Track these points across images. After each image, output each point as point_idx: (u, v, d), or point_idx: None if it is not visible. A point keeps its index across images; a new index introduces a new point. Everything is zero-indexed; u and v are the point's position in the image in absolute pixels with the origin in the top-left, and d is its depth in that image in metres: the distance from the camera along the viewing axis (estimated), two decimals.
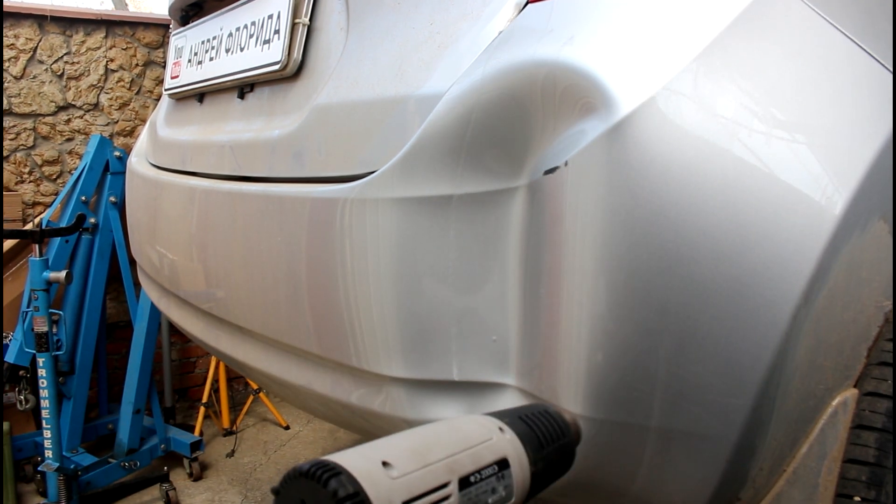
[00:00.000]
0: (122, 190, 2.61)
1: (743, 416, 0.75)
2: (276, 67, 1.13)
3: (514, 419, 0.52)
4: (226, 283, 1.18)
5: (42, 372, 2.26)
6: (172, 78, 1.59)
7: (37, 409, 2.35)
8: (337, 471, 0.39)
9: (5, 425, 2.38)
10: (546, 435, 0.54)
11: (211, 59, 1.39)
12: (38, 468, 2.32)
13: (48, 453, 2.25)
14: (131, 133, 3.08)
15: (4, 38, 2.77)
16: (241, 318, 1.16)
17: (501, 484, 0.47)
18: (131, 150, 1.84)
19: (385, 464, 0.41)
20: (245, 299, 1.13)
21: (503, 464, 0.48)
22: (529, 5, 0.82)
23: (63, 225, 2.49)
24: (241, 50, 1.26)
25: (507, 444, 0.49)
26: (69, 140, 2.95)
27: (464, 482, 0.44)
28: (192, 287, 1.33)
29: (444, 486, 0.43)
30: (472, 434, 0.47)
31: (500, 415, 0.51)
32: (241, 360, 1.22)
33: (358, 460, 0.40)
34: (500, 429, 0.50)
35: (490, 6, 0.85)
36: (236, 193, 1.14)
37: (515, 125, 0.78)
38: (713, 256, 0.71)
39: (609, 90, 0.71)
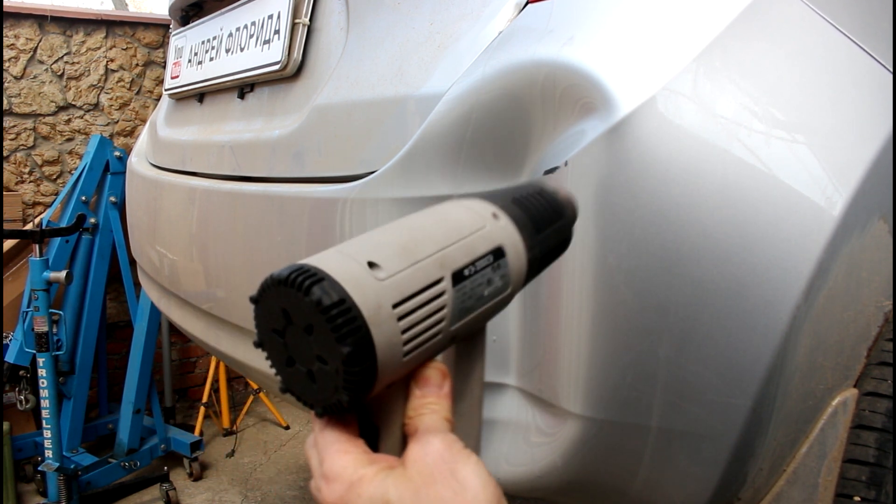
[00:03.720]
0: (122, 190, 2.61)
1: (743, 416, 0.75)
2: (276, 67, 1.13)
3: (508, 202, 0.47)
4: (226, 283, 1.18)
5: (42, 372, 2.26)
6: (172, 78, 1.59)
7: (37, 409, 2.35)
8: (319, 277, 0.35)
9: (5, 425, 2.38)
10: (542, 217, 0.48)
11: (211, 59, 1.39)
12: (38, 468, 2.32)
13: (48, 453, 2.25)
14: (131, 133, 3.08)
15: (4, 38, 2.77)
16: (241, 318, 1.16)
17: (497, 274, 0.43)
18: (131, 150, 1.84)
19: (371, 264, 0.37)
20: (245, 299, 1.13)
21: (498, 253, 0.43)
22: (529, 5, 0.82)
23: (63, 225, 2.49)
24: (241, 50, 1.26)
25: (502, 232, 0.44)
26: (69, 140, 2.95)
27: (457, 276, 0.40)
28: (192, 287, 1.33)
29: (437, 282, 0.39)
30: (463, 223, 0.43)
31: (492, 198, 0.47)
32: (241, 360, 1.22)
33: (342, 262, 0.36)
34: (494, 214, 0.45)
35: (490, 6, 0.85)
36: (236, 193, 1.14)
37: (515, 125, 0.78)
38: (713, 256, 0.71)
39: (609, 90, 0.71)
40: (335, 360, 0.35)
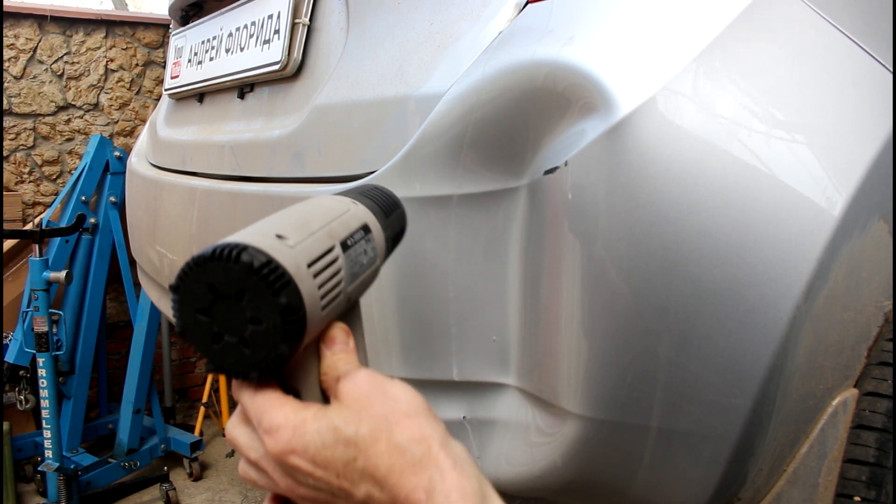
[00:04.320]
0: (122, 190, 2.61)
1: (743, 416, 0.75)
2: (276, 67, 1.13)
3: (357, 195, 0.58)
4: None
5: (42, 372, 2.25)
6: (172, 78, 1.59)
7: (37, 409, 2.34)
8: (243, 246, 0.40)
9: (5, 425, 2.38)
10: (386, 205, 0.59)
11: (211, 59, 1.39)
12: (38, 468, 2.32)
13: (48, 453, 2.24)
14: (131, 133, 3.08)
15: (4, 38, 2.77)
16: None
17: (370, 246, 0.52)
18: (131, 150, 1.84)
19: (279, 236, 0.42)
20: None
21: (366, 229, 0.53)
22: (529, 5, 0.82)
23: (63, 225, 2.48)
24: (241, 50, 1.26)
25: (364, 214, 0.54)
26: (69, 140, 2.95)
27: (343, 245, 0.48)
28: None
29: (331, 249, 0.46)
30: (334, 207, 0.52)
31: (345, 192, 0.58)
32: None
33: (255, 237, 0.41)
34: (353, 202, 0.55)
35: (490, 6, 0.85)
36: (236, 193, 1.14)
37: (515, 125, 0.78)
38: (713, 256, 0.71)
39: (609, 90, 0.71)
40: (272, 314, 0.39)
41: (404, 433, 0.41)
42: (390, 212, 0.59)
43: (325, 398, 0.46)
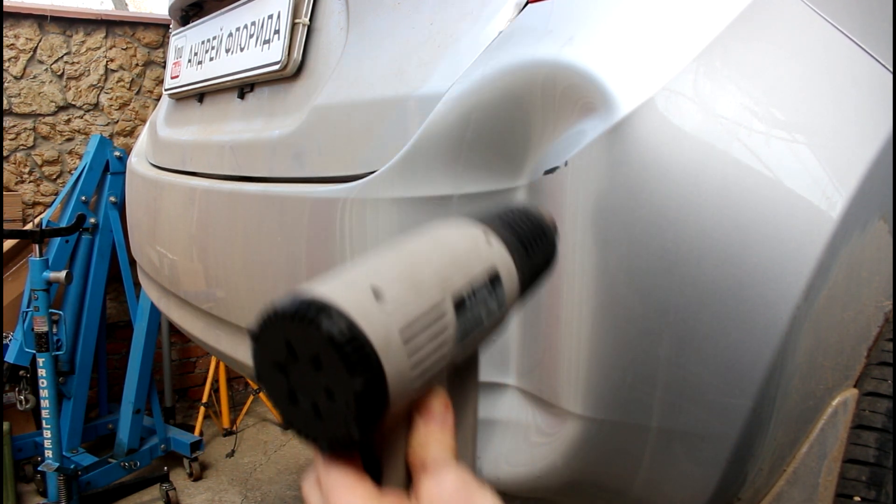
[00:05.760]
0: (122, 190, 2.61)
1: (743, 416, 0.75)
2: (276, 67, 1.13)
3: (495, 222, 0.47)
4: (226, 283, 1.18)
5: (42, 372, 2.26)
6: (172, 78, 1.59)
7: (37, 409, 2.34)
8: (327, 308, 0.34)
9: (5, 425, 2.38)
10: (529, 238, 0.48)
11: (211, 59, 1.39)
12: (38, 468, 2.32)
13: (48, 453, 2.25)
14: (131, 133, 3.08)
15: (4, 38, 2.77)
16: (241, 319, 1.16)
17: (494, 299, 0.43)
18: (131, 150, 1.84)
19: (375, 290, 0.36)
20: (245, 299, 1.13)
21: (493, 274, 0.43)
22: (529, 5, 0.82)
23: (63, 225, 2.49)
24: (241, 50, 1.26)
25: (497, 255, 0.44)
26: (69, 140, 2.95)
27: (457, 298, 0.40)
28: (192, 287, 1.33)
29: (439, 304, 0.38)
30: (458, 246, 0.43)
31: (482, 219, 0.47)
32: (241, 360, 1.22)
33: (346, 291, 0.35)
34: (486, 236, 0.45)
35: (490, 6, 0.85)
36: (236, 193, 1.14)
37: (515, 125, 0.78)
38: (713, 256, 0.71)
39: (609, 90, 0.71)
40: (346, 393, 0.34)
41: None
42: (532, 245, 0.48)
43: (409, 476, 0.40)
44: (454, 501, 0.37)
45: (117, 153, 2.68)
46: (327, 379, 0.34)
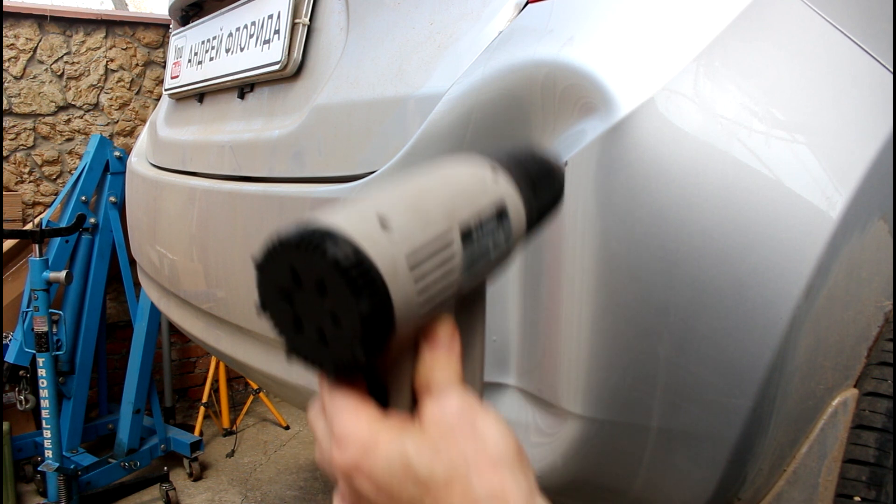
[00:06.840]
0: (122, 190, 2.61)
1: (743, 416, 0.75)
2: (276, 67, 1.13)
3: (504, 159, 0.47)
4: (226, 283, 1.18)
5: (42, 372, 2.26)
6: (172, 78, 1.59)
7: (37, 409, 2.35)
8: (333, 235, 0.34)
9: (5, 425, 2.38)
10: (537, 174, 0.48)
11: (211, 59, 1.39)
12: (38, 468, 2.32)
13: (48, 453, 2.25)
14: (131, 133, 3.08)
15: (4, 38, 2.77)
16: (241, 318, 1.16)
17: (501, 232, 0.43)
18: (131, 150, 1.84)
19: (381, 218, 0.36)
20: (245, 299, 1.13)
21: (502, 213, 0.43)
22: (529, 5, 0.82)
23: (63, 225, 2.49)
24: (241, 50, 1.26)
25: (504, 190, 0.44)
26: (69, 140, 2.95)
27: (465, 235, 0.40)
28: (192, 287, 1.33)
29: (446, 238, 0.38)
30: (465, 180, 0.43)
31: (492, 156, 0.47)
32: (241, 360, 1.22)
33: (352, 218, 0.35)
34: (495, 174, 0.45)
35: (490, 6, 0.85)
36: (236, 193, 1.14)
37: (515, 125, 0.78)
38: (713, 256, 0.71)
39: (609, 90, 0.71)
40: (352, 317, 0.34)
41: (483, 484, 0.36)
42: (540, 184, 0.48)
43: (415, 401, 0.40)
44: (457, 423, 0.38)
45: (117, 153, 2.68)
46: (333, 304, 0.34)
